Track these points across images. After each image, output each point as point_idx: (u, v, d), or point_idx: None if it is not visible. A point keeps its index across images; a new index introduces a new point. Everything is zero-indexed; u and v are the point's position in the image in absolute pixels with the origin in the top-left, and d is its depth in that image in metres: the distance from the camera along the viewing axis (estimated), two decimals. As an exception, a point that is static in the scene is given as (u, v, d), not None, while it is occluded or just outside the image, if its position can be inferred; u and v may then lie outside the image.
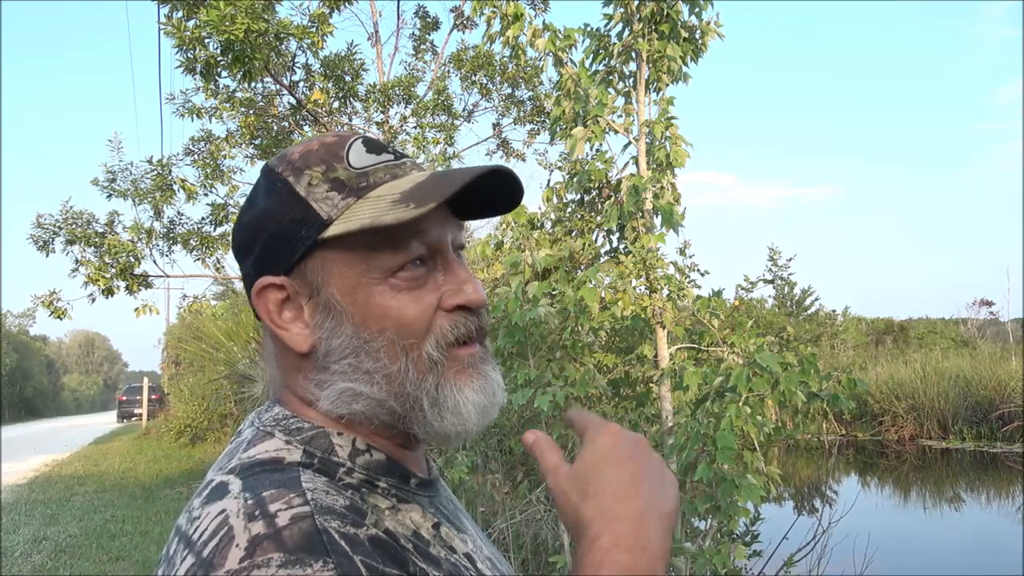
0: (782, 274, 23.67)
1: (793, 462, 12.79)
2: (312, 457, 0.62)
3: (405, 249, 0.64)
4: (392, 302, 0.63)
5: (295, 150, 0.68)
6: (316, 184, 0.65)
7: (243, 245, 0.69)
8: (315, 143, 0.68)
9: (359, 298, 0.64)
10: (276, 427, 0.65)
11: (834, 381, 3.14)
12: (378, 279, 0.63)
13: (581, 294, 3.35)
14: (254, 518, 0.52)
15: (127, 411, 27.76)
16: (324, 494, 0.56)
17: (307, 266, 0.65)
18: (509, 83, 8.75)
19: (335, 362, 0.64)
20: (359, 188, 0.64)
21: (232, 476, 0.59)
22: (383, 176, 0.65)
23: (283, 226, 0.65)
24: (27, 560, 6.32)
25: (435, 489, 0.71)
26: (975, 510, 9.36)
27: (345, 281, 0.64)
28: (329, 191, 0.64)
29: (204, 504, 0.57)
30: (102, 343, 78.47)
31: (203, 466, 12.05)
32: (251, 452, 0.63)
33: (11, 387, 41.67)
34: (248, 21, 5.09)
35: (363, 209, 0.63)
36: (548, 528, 4.71)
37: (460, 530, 0.70)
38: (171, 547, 0.58)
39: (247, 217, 0.68)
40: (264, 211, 0.66)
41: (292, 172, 0.66)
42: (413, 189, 0.63)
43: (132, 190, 7.34)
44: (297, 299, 0.66)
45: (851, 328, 23.61)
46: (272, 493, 0.55)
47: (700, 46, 3.72)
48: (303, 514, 0.53)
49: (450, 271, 0.66)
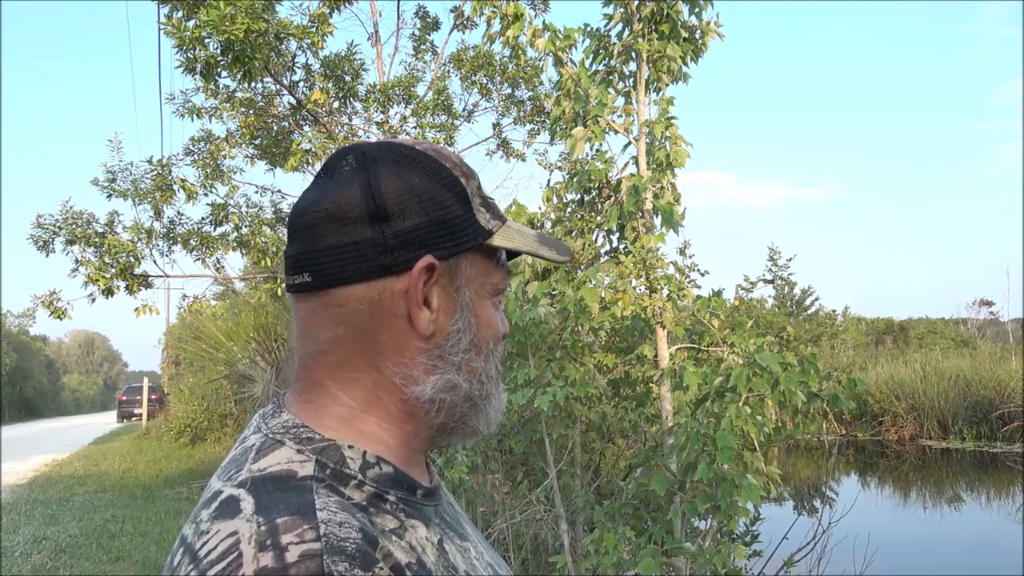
0: (782, 274, 23.69)
1: (793, 462, 12.79)
2: (324, 468, 0.62)
3: (506, 279, 0.75)
4: (494, 316, 0.74)
5: (449, 153, 0.73)
6: (475, 194, 0.71)
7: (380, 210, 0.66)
8: (453, 154, 0.74)
9: (478, 305, 0.72)
10: (286, 435, 0.65)
11: (834, 381, 3.14)
12: (488, 293, 0.73)
13: (581, 294, 3.35)
14: (264, 548, 0.52)
15: (127, 411, 27.75)
16: (338, 526, 0.56)
17: (460, 262, 0.70)
18: (509, 83, 8.75)
19: (455, 354, 0.70)
20: (499, 215, 0.73)
21: (243, 491, 0.59)
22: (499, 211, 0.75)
23: (453, 217, 0.69)
24: (27, 560, 6.32)
25: (438, 497, 0.72)
26: (975, 510, 9.36)
27: (477, 286, 0.72)
28: (481, 205, 0.72)
29: (213, 519, 0.57)
30: (102, 343, 78.45)
31: (203, 466, 12.06)
32: (261, 464, 0.62)
33: (11, 387, 41.66)
34: (248, 21, 5.09)
35: (515, 235, 0.73)
36: (548, 528, 4.71)
37: (463, 538, 0.71)
38: (175, 558, 0.57)
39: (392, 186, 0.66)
40: (424, 192, 0.68)
41: (462, 174, 0.71)
42: (540, 237, 0.76)
43: (132, 190, 7.33)
44: (432, 287, 0.68)
45: (851, 328, 23.63)
46: (286, 521, 0.54)
47: (700, 46, 3.72)
48: (313, 552, 0.53)
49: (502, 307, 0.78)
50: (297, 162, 6.76)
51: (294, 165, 6.77)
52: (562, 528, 3.76)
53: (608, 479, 5.15)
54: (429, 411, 0.69)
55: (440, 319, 0.68)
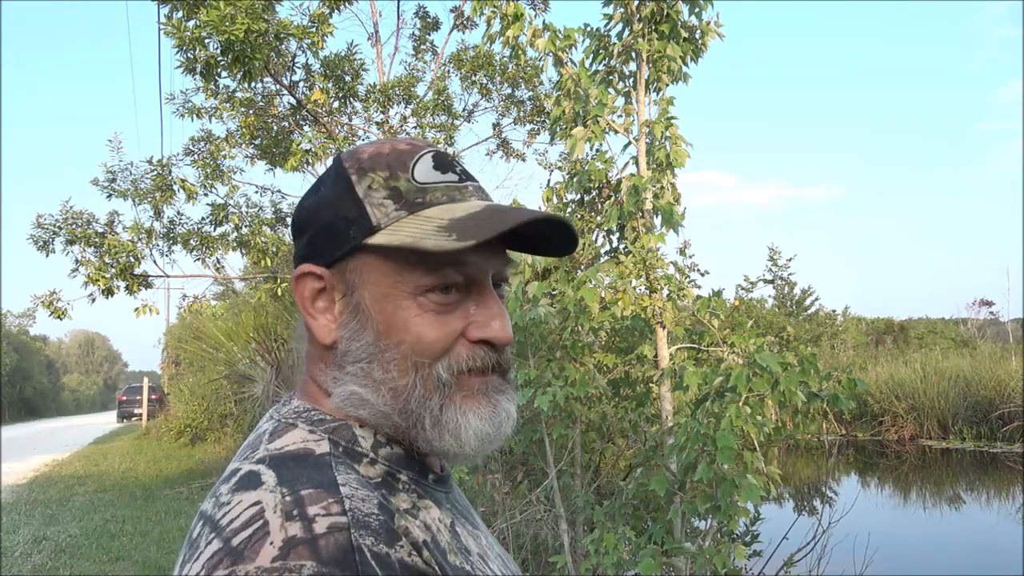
0: (782, 274, 23.69)
1: (793, 462, 12.79)
2: (337, 447, 0.63)
3: (439, 273, 0.64)
4: (416, 319, 0.64)
5: (368, 148, 0.69)
6: (376, 188, 0.66)
7: (298, 226, 0.71)
8: (387, 146, 0.69)
9: (387, 307, 0.64)
10: (299, 418, 0.66)
11: (834, 381, 3.14)
12: (407, 294, 0.64)
13: (581, 294, 3.35)
14: (292, 518, 0.52)
15: (127, 411, 27.75)
16: (361, 501, 0.56)
17: (348, 264, 0.66)
18: (509, 83, 8.74)
19: (350, 364, 0.65)
20: (414, 203, 0.65)
21: (263, 466, 0.59)
22: (440, 197, 0.66)
23: (335, 220, 0.66)
24: (27, 560, 6.32)
25: (449, 486, 0.72)
26: (975, 510, 9.36)
27: (377, 288, 0.65)
28: (385, 198, 0.65)
29: (234, 491, 0.57)
30: (102, 343, 78.44)
31: (203, 466, 12.05)
32: (278, 443, 0.62)
33: (11, 387, 41.65)
34: (248, 21, 5.09)
35: (409, 226, 0.63)
36: (548, 528, 4.71)
37: (474, 526, 0.71)
38: (195, 531, 0.57)
39: (308, 201, 0.70)
40: (323, 200, 0.68)
41: (357, 171, 0.67)
42: (463, 219, 0.63)
43: (132, 190, 7.33)
44: (331, 293, 0.67)
45: (851, 328, 23.63)
46: (311, 493, 0.54)
47: (700, 46, 3.71)
48: (340, 525, 0.53)
49: (483, 304, 0.67)
50: (297, 162, 6.76)
51: (294, 165, 6.77)
52: (562, 528, 3.76)
53: (608, 479, 5.15)
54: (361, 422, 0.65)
55: (338, 327, 0.66)
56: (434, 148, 0.69)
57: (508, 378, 0.70)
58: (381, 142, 0.70)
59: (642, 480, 3.27)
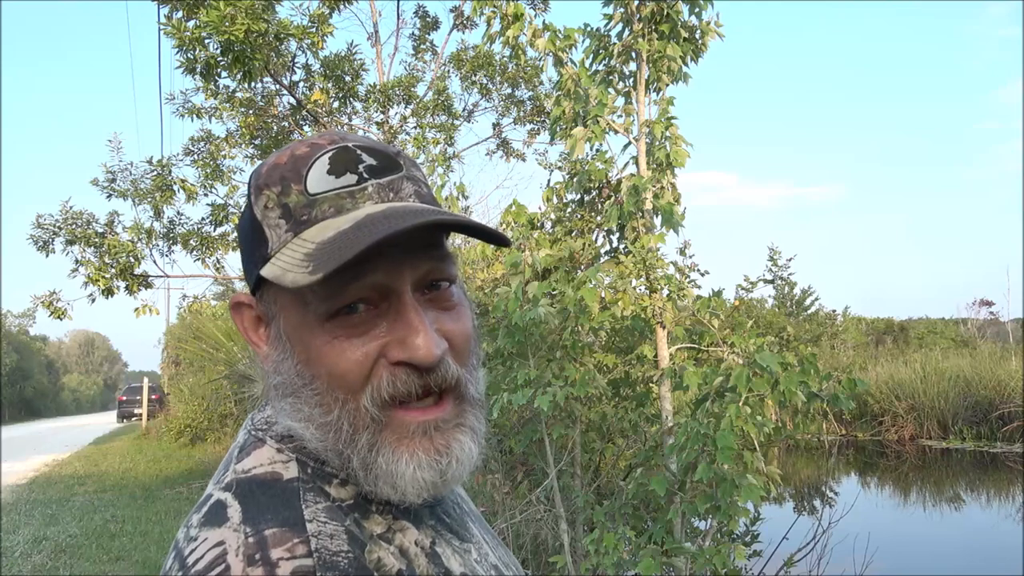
0: (782, 274, 23.69)
1: (793, 462, 12.78)
2: (306, 468, 0.60)
3: (338, 295, 0.56)
4: (326, 348, 0.56)
5: (271, 159, 0.62)
6: (271, 208, 0.59)
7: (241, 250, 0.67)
8: (286, 154, 0.60)
9: (303, 337, 0.58)
10: (267, 432, 0.63)
11: (834, 381, 3.14)
12: (316, 322, 0.57)
13: (581, 294, 3.35)
14: (254, 562, 0.51)
15: (127, 411, 27.75)
16: (329, 538, 0.54)
17: (265, 293, 0.62)
18: (509, 83, 8.75)
19: (282, 397, 0.60)
20: (300, 222, 0.57)
21: (230, 495, 0.57)
22: (327, 209, 0.57)
23: (248, 247, 0.62)
24: (27, 560, 6.32)
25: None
26: (975, 510, 9.36)
27: (291, 317, 0.59)
28: (279, 218, 0.58)
29: (202, 525, 0.56)
30: (102, 343, 78.44)
31: (203, 466, 12.06)
32: (245, 464, 0.60)
33: (11, 387, 41.67)
34: (248, 21, 5.09)
35: (285, 254, 0.56)
36: (548, 528, 4.71)
37: (463, 539, 0.67)
38: (168, 560, 0.56)
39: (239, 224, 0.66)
40: (241, 225, 0.64)
41: (255, 188, 0.60)
42: (329, 241, 0.54)
43: (132, 190, 7.34)
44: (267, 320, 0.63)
45: (851, 328, 23.63)
46: (275, 533, 0.53)
47: (700, 46, 3.71)
48: (304, 569, 0.51)
49: (399, 319, 0.56)
50: (297, 162, 6.75)
51: (294, 165, 6.76)
52: (562, 528, 3.76)
53: (608, 479, 5.14)
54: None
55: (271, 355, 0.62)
56: (337, 145, 0.59)
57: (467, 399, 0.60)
58: (287, 148, 0.61)
59: (642, 480, 3.27)
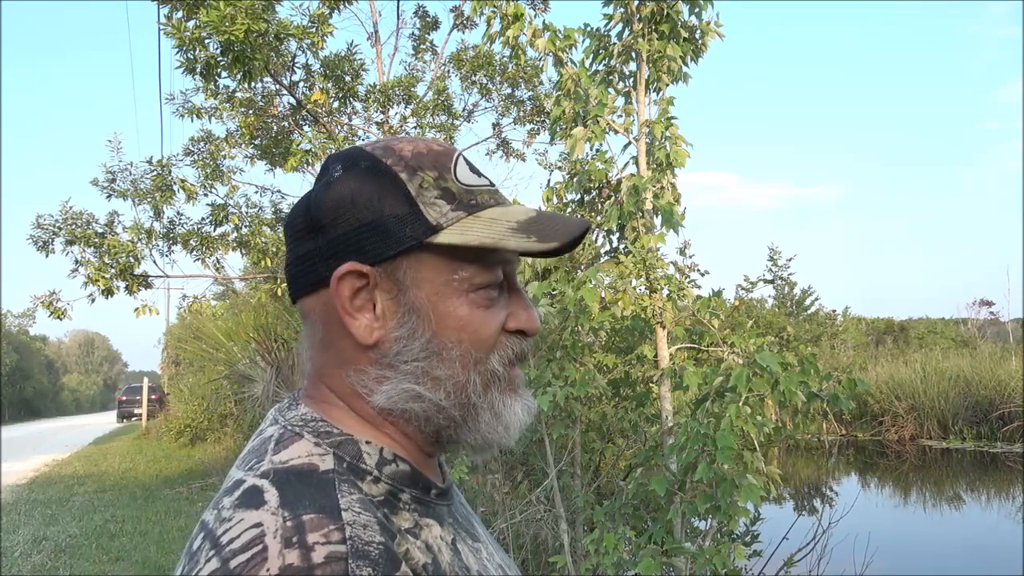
0: (782, 274, 23.69)
1: (793, 462, 12.79)
2: (341, 463, 0.62)
3: (492, 272, 0.67)
4: (471, 315, 0.66)
5: (403, 146, 0.68)
6: (427, 188, 0.66)
7: (316, 221, 0.67)
8: (423, 146, 0.69)
9: (440, 306, 0.66)
10: (304, 428, 0.65)
11: (834, 381, 3.14)
12: (461, 292, 0.66)
13: (581, 294, 3.35)
14: (291, 545, 0.52)
15: (127, 411, 27.76)
16: (363, 528, 0.56)
17: (400, 264, 0.65)
18: (509, 83, 8.74)
19: (406, 362, 0.65)
20: (469, 204, 0.67)
21: (267, 482, 0.58)
22: (488, 199, 0.68)
23: (382, 218, 0.65)
24: (27, 560, 6.32)
25: (451, 497, 0.72)
26: (975, 510, 9.36)
27: (432, 287, 0.66)
28: (438, 198, 0.66)
29: (237, 507, 0.57)
30: (102, 343, 78.47)
31: (203, 466, 12.05)
32: (283, 456, 0.62)
33: (11, 387, 41.69)
34: (248, 21, 5.09)
35: (478, 226, 0.65)
36: (548, 528, 4.71)
37: (475, 539, 0.71)
38: (195, 542, 0.57)
39: (330, 194, 0.67)
40: (359, 194, 0.66)
41: (405, 168, 0.67)
42: (529, 223, 0.66)
43: (132, 190, 7.33)
44: (373, 292, 0.66)
45: (851, 328, 23.64)
46: (312, 519, 0.54)
47: (700, 46, 3.71)
48: (338, 555, 0.52)
49: (516, 297, 0.70)
50: (297, 162, 6.76)
51: (294, 165, 6.77)
52: (562, 528, 3.76)
53: (608, 479, 5.15)
54: (399, 420, 0.66)
55: (385, 325, 0.66)
56: (461, 151, 0.71)
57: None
58: (412, 141, 0.69)
59: (642, 480, 3.27)
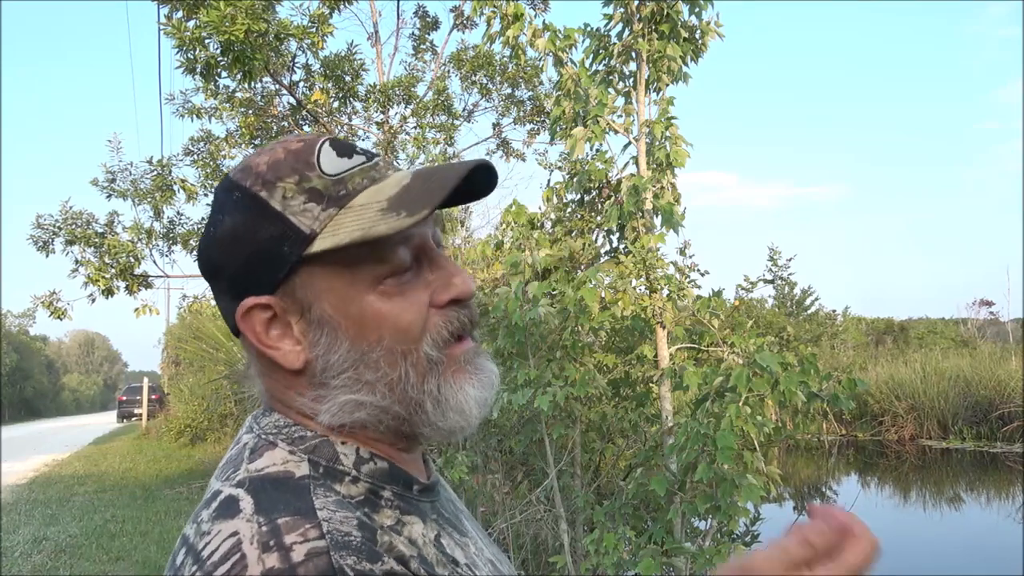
0: (782, 274, 23.67)
1: (793, 462, 12.79)
2: (317, 467, 0.61)
3: (392, 257, 0.63)
4: (385, 308, 0.62)
5: (259, 160, 0.64)
6: (291, 196, 0.62)
7: (213, 265, 0.66)
8: (280, 150, 0.64)
9: (351, 310, 0.62)
10: (278, 435, 0.64)
11: (834, 381, 3.14)
12: (367, 288, 0.62)
13: (581, 294, 3.35)
14: (268, 549, 0.52)
15: (127, 411, 27.74)
16: (340, 523, 0.55)
17: (294, 283, 0.63)
18: (509, 83, 8.74)
19: (334, 377, 0.63)
20: (339, 197, 0.62)
21: (242, 491, 0.58)
22: (361, 181, 0.63)
23: (261, 244, 0.62)
24: (27, 560, 6.32)
25: (435, 493, 0.70)
26: (975, 510, 9.36)
27: (335, 294, 0.62)
28: (306, 203, 0.62)
29: (214, 519, 0.56)
30: (102, 343, 78.45)
31: (203, 466, 12.06)
32: (258, 464, 0.61)
33: (11, 387, 41.69)
34: (248, 22, 5.09)
35: (348, 220, 0.61)
36: (548, 528, 4.71)
37: (462, 533, 0.70)
38: (178, 557, 0.57)
39: (215, 235, 0.65)
40: (235, 228, 0.63)
41: (263, 185, 0.63)
42: (400, 194, 0.61)
43: (132, 190, 7.34)
44: (285, 317, 0.64)
45: (851, 328, 23.62)
46: (287, 521, 0.54)
47: (700, 46, 3.72)
48: (319, 550, 0.52)
49: (437, 266, 0.66)
50: (297, 162, 6.75)
51: (294, 165, 6.76)
52: (562, 528, 3.76)
53: (608, 479, 5.14)
54: (356, 429, 0.64)
55: (306, 347, 0.64)
56: (327, 136, 0.66)
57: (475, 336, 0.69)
58: (270, 148, 0.65)
59: (642, 480, 3.27)
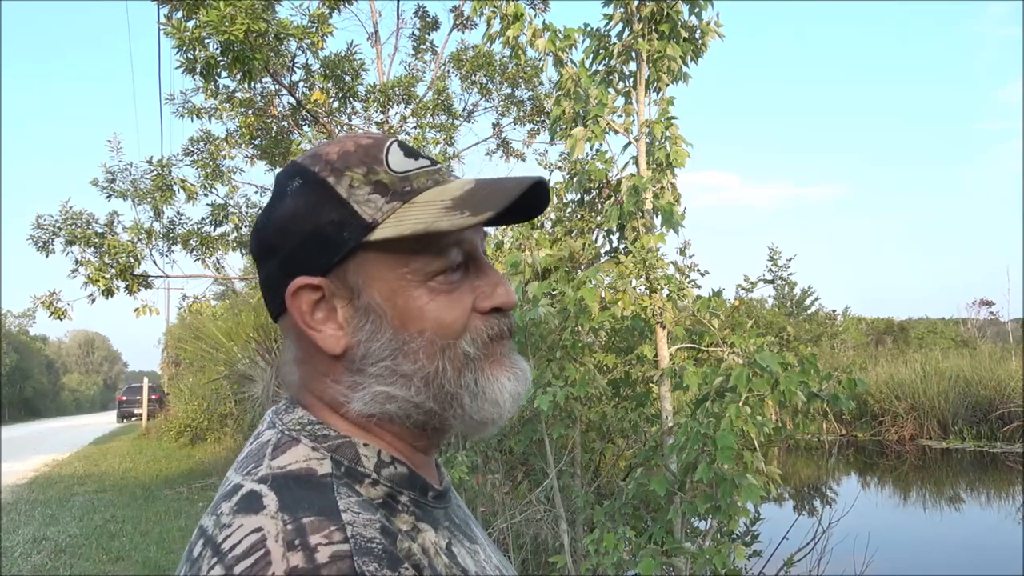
0: (782, 274, 23.68)
1: (793, 462, 12.78)
2: (339, 466, 0.62)
3: (446, 255, 0.65)
4: (431, 304, 0.64)
5: (330, 149, 0.67)
6: (358, 186, 0.64)
7: (267, 244, 0.67)
8: (350, 143, 0.67)
9: (399, 300, 0.64)
10: (302, 432, 0.65)
11: (834, 381, 3.14)
12: (417, 282, 0.64)
13: (581, 294, 3.35)
14: (293, 548, 0.52)
15: (127, 411, 27.75)
16: (363, 527, 0.56)
17: (347, 268, 0.65)
18: (509, 83, 8.74)
19: (372, 364, 0.65)
20: (404, 192, 0.65)
21: (265, 487, 0.58)
22: (426, 181, 0.66)
23: (320, 227, 0.64)
24: (27, 560, 6.32)
25: (448, 499, 0.71)
26: (975, 510, 9.36)
27: (385, 284, 0.64)
28: (371, 194, 0.64)
29: (236, 513, 0.56)
30: (102, 343, 78.43)
31: (203, 466, 12.05)
32: (281, 460, 0.62)
33: (11, 387, 41.69)
34: (248, 21, 5.09)
35: (412, 214, 0.63)
36: (548, 528, 4.71)
37: (472, 540, 0.70)
38: (195, 548, 0.57)
39: (275, 216, 0.67)
40: (296, 211, 0.65)
41: (331, 172, 0.65)
42: (465, 196, 0.64)
43: (132, 190, 7.34)
44: (332, 301, 0.65)
45: (851, 328, 23.61)
46: (312, 521, 0.54)
47: (700, 46, 3.72)
48: (342, 553, 0.52)
49: (484, 274, 0.68)
50: (297, 162, 6.75)
51: (294, 165, 6.76)
52: (562, 528, 3.76)
53: (608, 479, 5.15)
54: (384, 422, 0.66)
55: (349, 332, 0.65)
56: (395, 138, 0.69)
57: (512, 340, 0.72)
58: (339, 141, 0.68)
59: (642, 480, 3.27)
